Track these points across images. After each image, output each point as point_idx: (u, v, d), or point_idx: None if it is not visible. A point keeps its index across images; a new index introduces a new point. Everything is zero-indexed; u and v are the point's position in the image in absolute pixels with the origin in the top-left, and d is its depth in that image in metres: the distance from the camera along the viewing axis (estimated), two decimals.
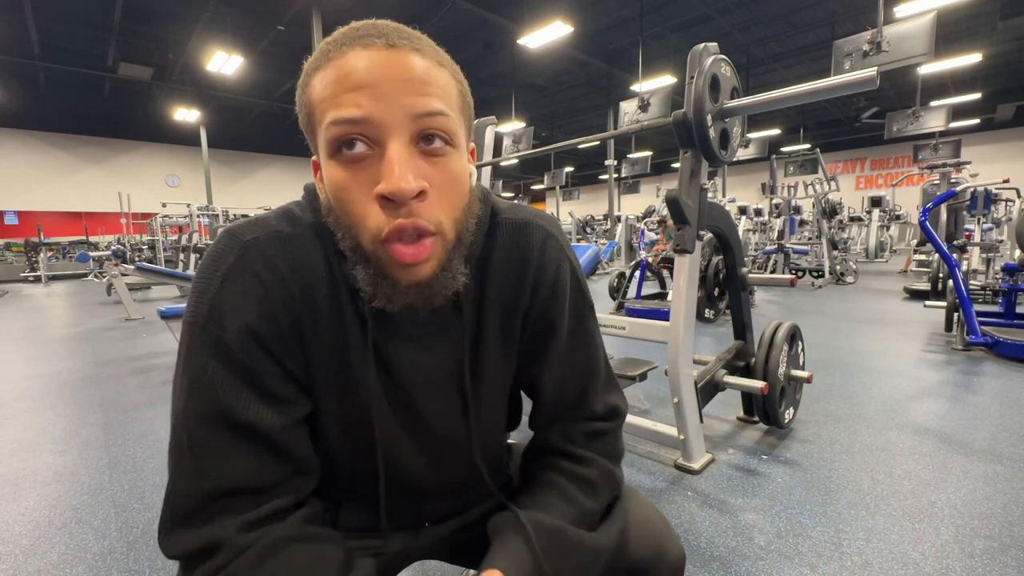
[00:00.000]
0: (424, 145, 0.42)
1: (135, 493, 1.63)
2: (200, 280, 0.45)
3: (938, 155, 8.46)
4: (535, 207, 0.60)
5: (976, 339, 2.98)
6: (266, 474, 0.46)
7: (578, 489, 0.56)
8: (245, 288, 0.45)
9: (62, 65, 10.97)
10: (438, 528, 0.64)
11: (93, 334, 4.50)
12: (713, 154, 1.56)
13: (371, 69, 0.40)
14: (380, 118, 0.39)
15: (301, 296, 0.47)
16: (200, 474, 0.43)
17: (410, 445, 0.56)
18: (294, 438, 0.48)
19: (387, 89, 0.40)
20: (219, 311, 0.44)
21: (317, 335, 0.49)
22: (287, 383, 0.48)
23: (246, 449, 0.45)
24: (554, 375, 0.58)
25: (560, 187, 14.61)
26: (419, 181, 0.41)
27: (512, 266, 0.55)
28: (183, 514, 0.43)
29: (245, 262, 0.45)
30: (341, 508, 0.59)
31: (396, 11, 8.91)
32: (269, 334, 0.46)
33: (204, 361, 0.44)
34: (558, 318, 0.57)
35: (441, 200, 0.43)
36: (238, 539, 0.42)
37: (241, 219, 0.49)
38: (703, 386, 1.73)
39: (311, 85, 0.43)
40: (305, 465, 0.50)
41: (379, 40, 0.40)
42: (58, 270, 11.82)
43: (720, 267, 4.26)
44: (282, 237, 0.47)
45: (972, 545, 1.25)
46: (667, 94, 8.21)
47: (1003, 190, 5.73)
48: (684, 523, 1.38)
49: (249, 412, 0.45)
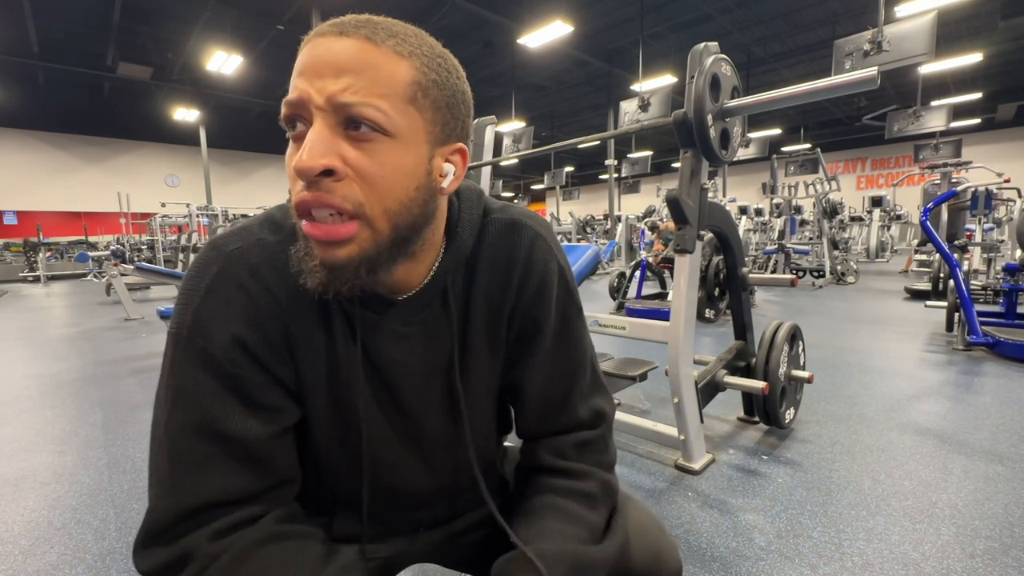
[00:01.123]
0: (351, 130, 0.41)
1: (135, 493, 1.63)
2: (184, 292, 0.45)
3: (939, 155, 8.46)
4: (530, 208, 0.60)
5: (977, 339, 2.98)
6: (245, 487, 0.45)
7: (580, 505, 0.54)
8: (229, 298, 0.45)
9: (62, 65, 10.96)
10: (431, 533, 0.63)
11: (92, 334, 4.50)
12: (713, 154, 1.56)
13: (313, 55, 0.41)
14: (308, 100, 0.40)
15: (288, 302, 0.47)
16: (178, 489, 0.43)
17: (399, 446, 0.55)
18: (277, 448, 0.48)
19: (319, 73, 0.40)
20: (203, 322, 0.44)
21: (307, 339, 0.49)
22: (275, 390, 0.48)
23: (227, 462, 0.44)
24: (539, 376, 0.58)
25: (560, 187, 14.62)
26: (327, 159, 0.39)
27: (500, 265, 0.54)
28: (156, 530, 0.42)
29: (229, 272, 0.45)
30: (335, 516, 0.58)
31: (396, 11, 8.87)
32: (255, 342, 0.45)
33: (189, 372, 0.44)
34: (543, 318, 0.56)
35: (366, 186, 0.41)
36: (209, 548, 0.42)
37: (226, 228, 0.49)
38: (703, 386, 1.72)
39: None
40: (286, 475, 0.49)
41: (333, 28, 0.41)
42: (57, 270, 11.82)
43: (720, 267, 4.26)
44: (265, 244, 0.47)
45: (973, 545, 1.25)
46: (667, 94, 8.21)
47: (1004, 190, 5.71)
48: (684, 523, 1.38)
49: (234, 423, 0.44)
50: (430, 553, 0.65)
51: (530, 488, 0.58)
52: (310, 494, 0.56)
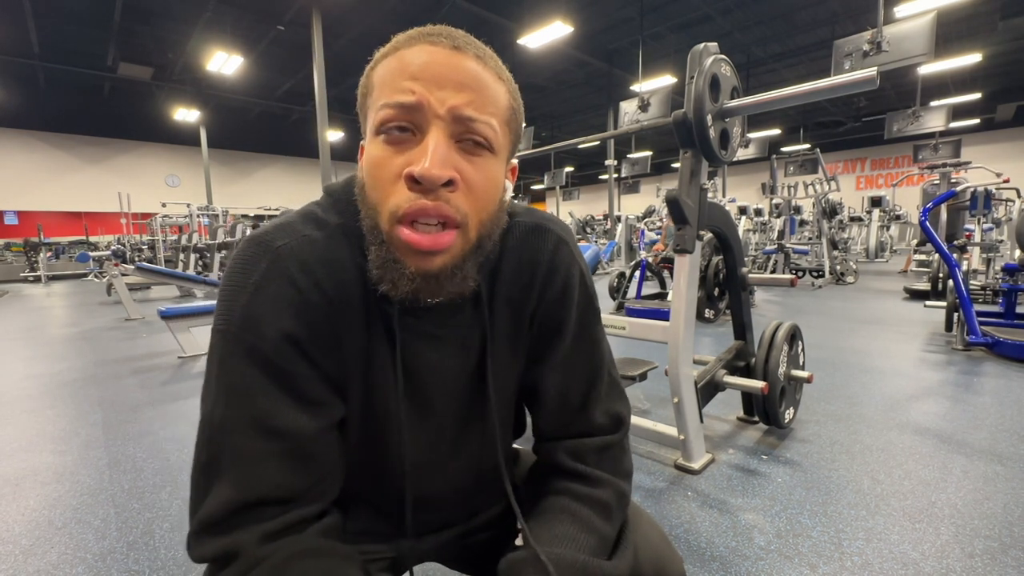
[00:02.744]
0: (464, 143, 0.44)
1: (135, 493, 1.63)
2: (230, 288, 0.45)
3: (938, 155, 8.48)
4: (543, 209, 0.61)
5: (976, 339, 2.98)
6: (295, 483, 0.46)
7: (594, 514, 0.54)
8: (279, 294, 0.45)
9: (62, 65, 10.97)
10: (441, 534, 0.63)
11: (93, 334, 4.50)
12: (713, 154, 1.56)
13: (431, 64, 0.42)
14: (427, 107, 0.41)
15: (337, 298, 0.48)
16: (232, 484, 0.43)
17: (426, 448, 0.56)
18: (325, 443, 0.49)
19: (440, 83, 0.42)
20: (254, 318, 0.44)
21: (352, 334, 0.49)
22: (323, 385, 0.48)
23: (278, 458, 0.45)
24: (557, 378, 0.58)
25: (560, 187, 14.62)
26: (451, 170, 0.42)
27: (523, 268, 0.55)
28: (211, 522, 0.43)
29: (279, 268, 0.45)
30: (349, 512, 0.58)
31: (396, 11, 8.91)
32: (306, 338, 0.46)
33: (240, 367, 0.44)
34: (564, 321, 0.57)
35: (471, 196, 0.44)
36: (256, 550, 0.43)
37: (266, 224, 0.49)
38: (703, 386, 1.73)
39: (375, 70, 0.45)
40: (332, 470, 0.50)
41: (446, 40, 0.43)
42: (58, 270, 11.82)
43: (720, 267, 4.26)
44: (313, 241, 0.48)
45: (972, 545, 1.25)
46: (667, 94, 8.22)
47: (1003, 190, 5.71)
48: (684, 523, 1.38)
49: (285, 418, 0.45)
50: (437, 553, 0.65)
51: (545, 489, 0.58)
52: None
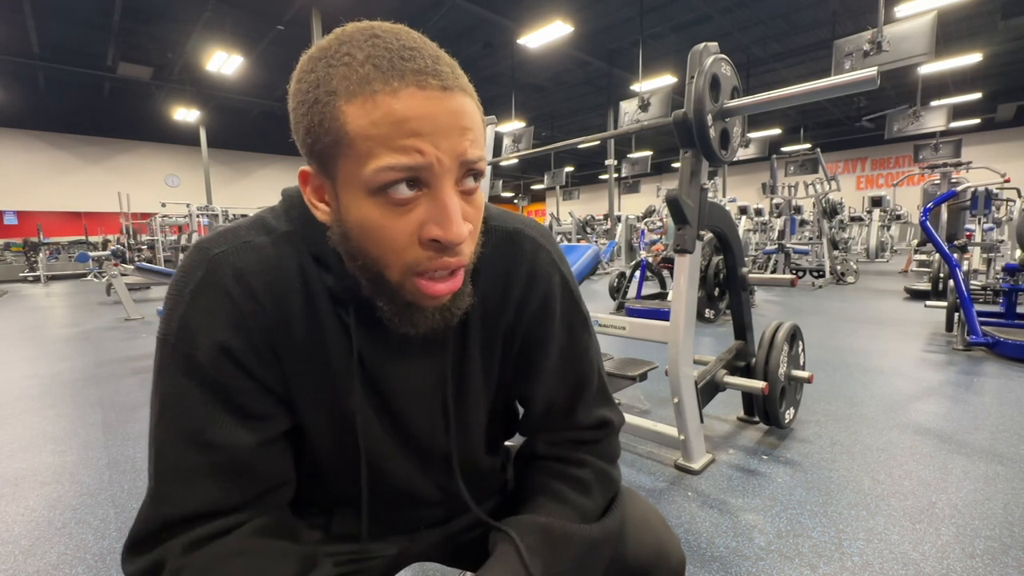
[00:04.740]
0: (463, 184, 0.42)
1: (135, 493, 1.63)
2: (171, 296, 0.45)
3: (938, 155, 8.47)
4: (530, 209, 0.60)
5: (977, 339, 2.98)
6: (230, 498, 0.45)
7: (569, 488, 0.55)
8: (214, 304, 0.44)
9: (62, 65, 10.95)
10: (433, 531, 0.63)
11: (93, 334, 4.50)
12: (713, 154, 1.56)
13: (430, 117, 0.38)
14: (438, 165, 0.39)
15: (273, 308, 0.46)
16: (163, 498, 0.43)
17: (397, 453, 0.55)
18: (267, 455, 0.47)
19: (445, 134, 0.39)
20: (189, 328, 0.43)
21: (292, 346, 0.47)
22: (263, 398, 0.47)
23: (212, 473, 0.44)
24: (543, 390, 0.58)
25: (560, 187, 14.62)
26: (467, 224, 0.42)
27: (499, 278, 0.53)
28: (139, 539, 0.43)
29: (214, 277, 0.44)
30: (333, 515, 0.58)
31: (396, 11, 8.90)
32: (241, 349, 0.44)
33: (175, 379, 0.43)
34: (547, 335, 0.56)
35: (473, 235, 0.44)
36: (180, 559, 0.42)
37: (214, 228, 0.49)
38: (703, 386, 1.73)
39: (344, 111, 0.38)
40: (276, 482, 0.49)
41: (434, 81, 0.38)
42: (57, 270, 11.82)
43: (720, 267, 4.26)
44: (252, 247, 0.46)
45: (973, 545, 1.25)
46: (667, 94, 8.21)
47: (1004, 190, 5.71)
48: (684, 523, 1.38)
49: (220, 432, 0.44)
50: (430, 552, 0.65)
51: (525, 475, 0.61)
52: (311, 492, 0.56)
